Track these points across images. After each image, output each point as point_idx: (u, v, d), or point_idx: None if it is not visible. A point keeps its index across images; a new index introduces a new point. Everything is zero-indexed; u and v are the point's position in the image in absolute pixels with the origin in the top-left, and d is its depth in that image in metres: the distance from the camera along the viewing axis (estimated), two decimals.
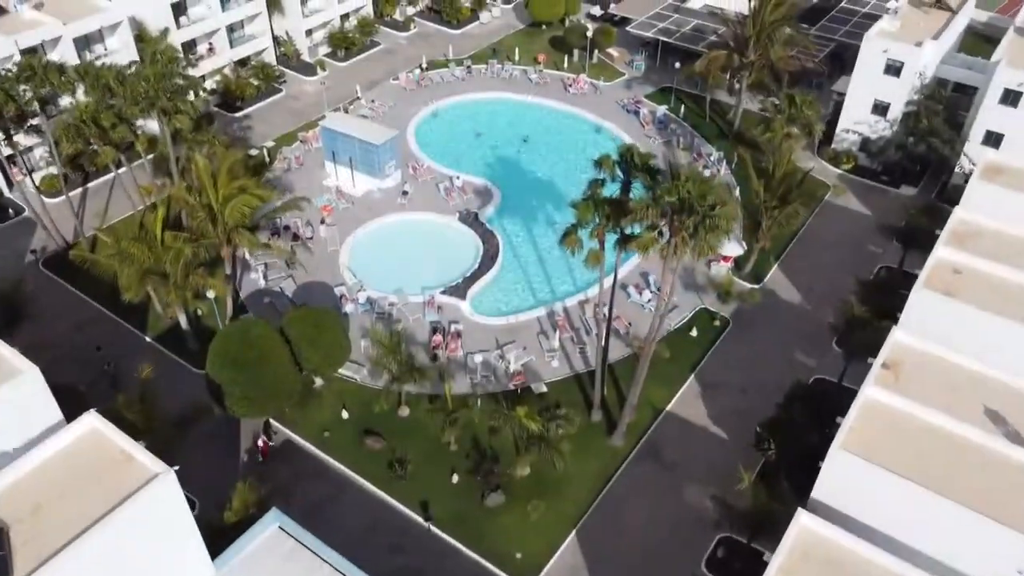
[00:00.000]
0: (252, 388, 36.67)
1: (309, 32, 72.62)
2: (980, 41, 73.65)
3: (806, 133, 51.25)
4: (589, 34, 70.04)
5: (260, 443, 39.39)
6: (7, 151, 50.62)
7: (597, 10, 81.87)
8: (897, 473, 30.32)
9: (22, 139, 50.40)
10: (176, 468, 25.16)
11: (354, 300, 47.86)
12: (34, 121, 45.36)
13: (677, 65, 66.03)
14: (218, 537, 29.03)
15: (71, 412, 35.61)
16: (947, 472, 30.41)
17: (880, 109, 58.00)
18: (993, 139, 53.89)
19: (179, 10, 62.46)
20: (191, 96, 45.73)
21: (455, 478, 38.58)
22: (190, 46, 64.42)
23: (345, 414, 41.48)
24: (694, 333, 46.78)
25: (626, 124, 65.35)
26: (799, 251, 52.94)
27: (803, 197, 44.18)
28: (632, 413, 40.25)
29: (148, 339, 45.99)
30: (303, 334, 38.99)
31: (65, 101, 49.24)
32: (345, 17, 74.60)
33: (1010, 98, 52.46)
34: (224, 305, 44.29)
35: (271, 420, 40.71)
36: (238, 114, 65.56)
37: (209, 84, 66.60)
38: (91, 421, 28.40)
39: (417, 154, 61.40)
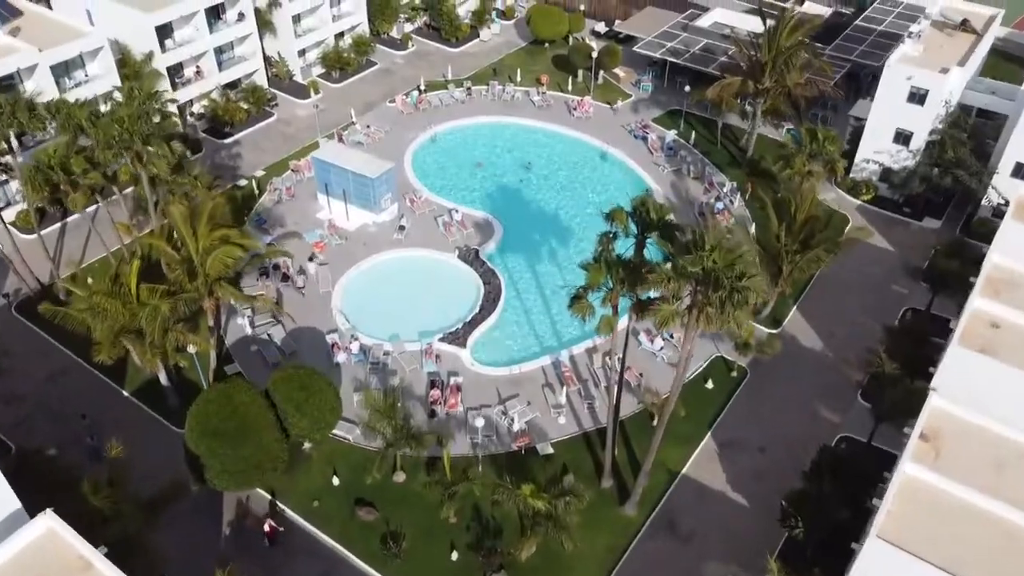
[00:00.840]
0: (234, 461, 33.71)
1: (302, 52, 69.61)
2: (999, 60, 70.75)
3: (828, 171, 48.22)
4: (594, 55, 67.03)
5: (267, 527, 36.25)
6: None
7: (602, 27, 78.90)
8: (942, 569, 27.49)
9: None
10: None
11: (347, 349, 44.88)
12: (3, 159, 42.32)
13: (687, 89, 63.05)
14: None
15: (38, 483, 32.94)
16: (997, 565, 27.56)
17: (902, 138, 55.02)
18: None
19: (164, 33, 59.43)
20: (171, 128, 42.50)
21: (454, 555, 35.58)
22: (176, 69, 61.44)
23: (336, 480, 38.49)
24: (710, 385, 43.80)
25: (633, 150, 62.38)
26: (819, 291, 49.94)
27: (827, 242, 41.18)
28: (646, 479, 37.27)
29: (126, 393, 43.00)
30: (289, 398, 35.98)
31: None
32: (340, 36, 71.57)
33: None
34: (207, 358, 41.30)
35: (275, 501, 37.76)
36: (227, 140, 62.54)
37: (197, 108, 63.71)
38: (47, 523, 25.48)
39: (415, 184, 58.42)
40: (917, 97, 53.15)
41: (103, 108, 43.54)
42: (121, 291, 36.79)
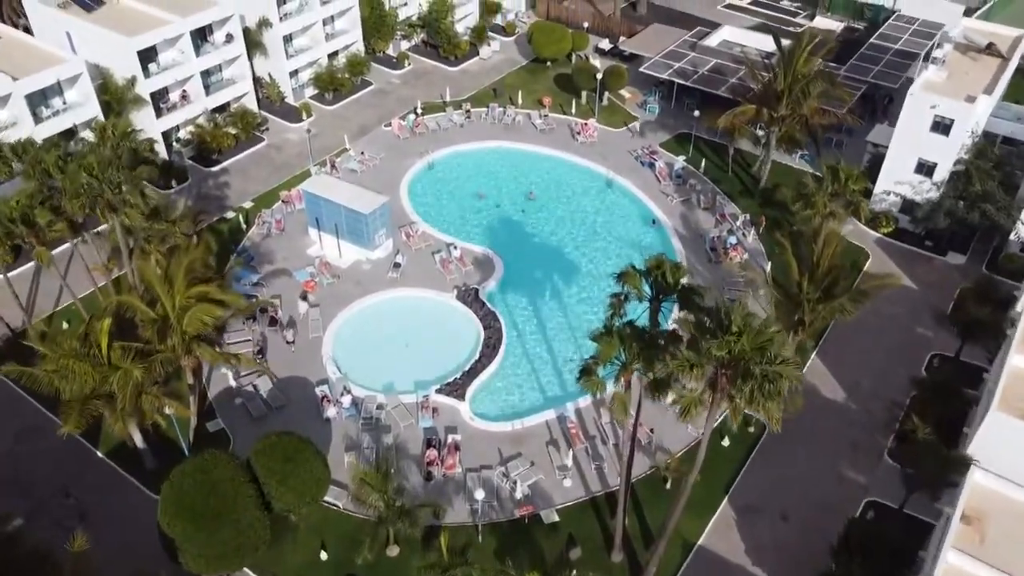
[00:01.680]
0: (211, 545, 30.86)
1: (294, 73, 66.70)
2: (1017, 78, 67.77)
3: (851, 211, 45.26)
4: (599, 76, 64.14)
5: None
6: None
7: (606, 44, 75.96)
8: None
9: None
10: None
11: (337, 403, 41.99)
12: None
13: (696, 113, 60.14)
14: None
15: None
16: None
17: (925, 169, 52.12)
18: None
19: (148, 57, 56.50)
20: (147, 176, 39.32)
21: None
22: (161, 94, 58.52)
23: (324, 555, 35.60)
24: (725, 442, 40.91)
25: (640, 178, 59.50)
26: (839, 335, 46.97)
27: (853, 292, 38.24)
28: (660, 553, 34.38)
29: (100, 454, 40.10)
30: (272, 470, 33.14)
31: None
32: (333, 55, 68.66)
33: None
34: (187, 418, 38.39)
35: None
36: (214, 168, 59.62)
37: (183, 134, 60.81)
38: None
39: (411, 215, 55.54)
40: (941, 127, 50.26)
41: (82, 138, 40.36)
42: (90, 352, 33.90)
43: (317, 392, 42.71)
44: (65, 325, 45.56)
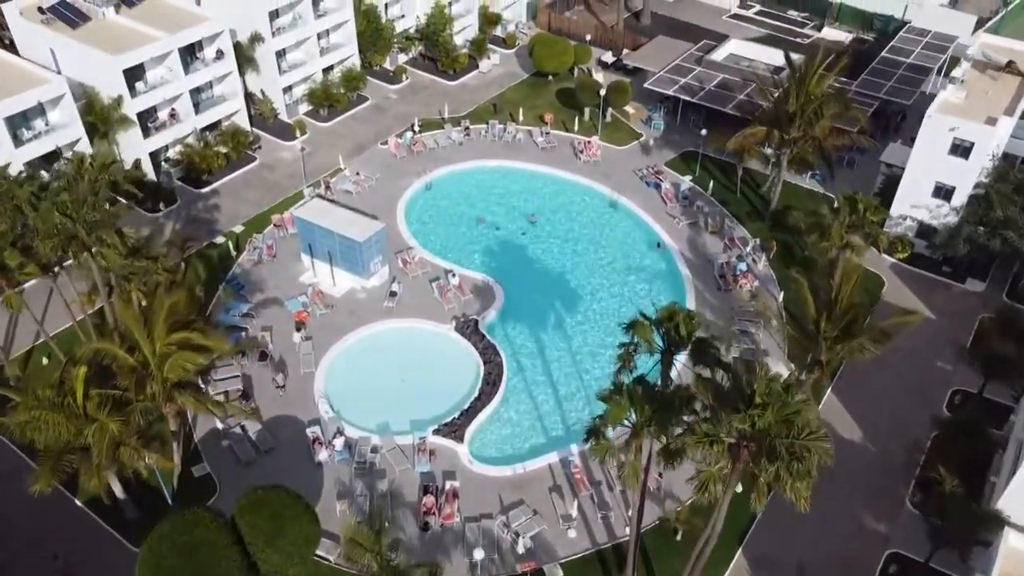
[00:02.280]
0: None
1: (288, 88, 64.59)
2: None
3: (870, 243, 43.10)
4: (602, 92, 62.05)
5: None
6: None
7: (609, 56, 73.86)
8: None
9: None
10: None
11: (330, 445, 39.90)
12: None
13: (703, 132, 58.04)
14: None
15: None
16: None
17: (943, 193, 50.04)
18: None
19: (136, 75, 54.40)
20: (121, 215, 37.06)
21: None
22: (149, 113, 56.39)
23: None
24: (739, 488, 38.74)
25: (645, 199, 57.42)
26: (855, 369, 44.68)
27: (875, 332, 36.14)
28: None
29: (78, 503, 37.94)
30: (258, 529, 31.08)
31: None
32: (328, 70, 66.55)
33: None
34: (170, 467, 36.26)
35: None
36: (204, 189, 57.49)
37: (172, 154, 58.70)
38: None
39: (408, 240, 53.44)
40: (961, 150, 48.18)
41: (58, 168, 38.13)
42: (65, 402, 31.81)
43: (308, 434, 40.62)
44: (45, 361, 43.44)
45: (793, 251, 51.91)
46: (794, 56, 65.09)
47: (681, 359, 28.65)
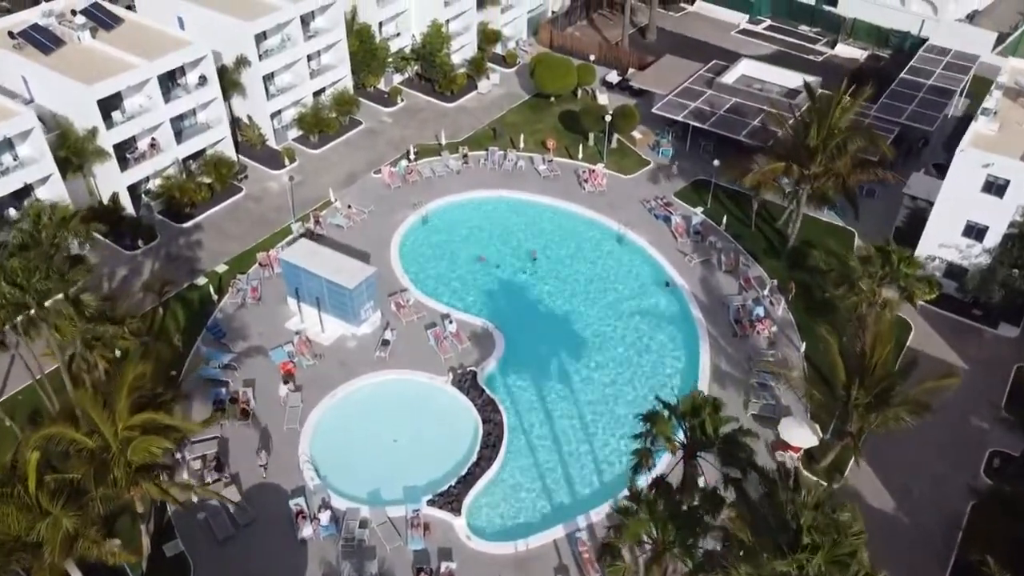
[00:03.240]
0: None
1: (276, 113, 61.29)
2: None
3: (904, 297, 39.75)
4: (608, 118, 58.75)
5: None
6: None
7: (614, 76, 70.53)
8: None
9: None
10: None
11: (315, 521, 36.61)
12: None
13: (716, 163, 54.67)
14: None
15: None
16: None
17: (975, 232, 46.74)
18: None
19: (112, 104, 51.11)
20: (81, 277, 33.41)
21: None
22: (128, 144, 53.12)
23: None
24: None
25: (654, 233, 54.12)
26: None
27: (912, 403, 32.86)
28: None
29: None
30: None
31: None
32: (319, 92, 63.25)
33: None
34: (135, 560, 32.88)
35: None
36: (187, 223, 54.18)
37: (153, 185, 55.40)
38: None
39: (402, 280, 50.15)
40: (995, 188, 44.91)
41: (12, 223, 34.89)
42: (15, 492, 28.51)
43: (292, 506, 37.27)
44: (8, 423, 40.02)
45: (812, 292, 48.61)
46: (809, 78, 62.27)
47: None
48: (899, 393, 33.69)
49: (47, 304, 30.65)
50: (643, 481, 23.75)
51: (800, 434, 38.77)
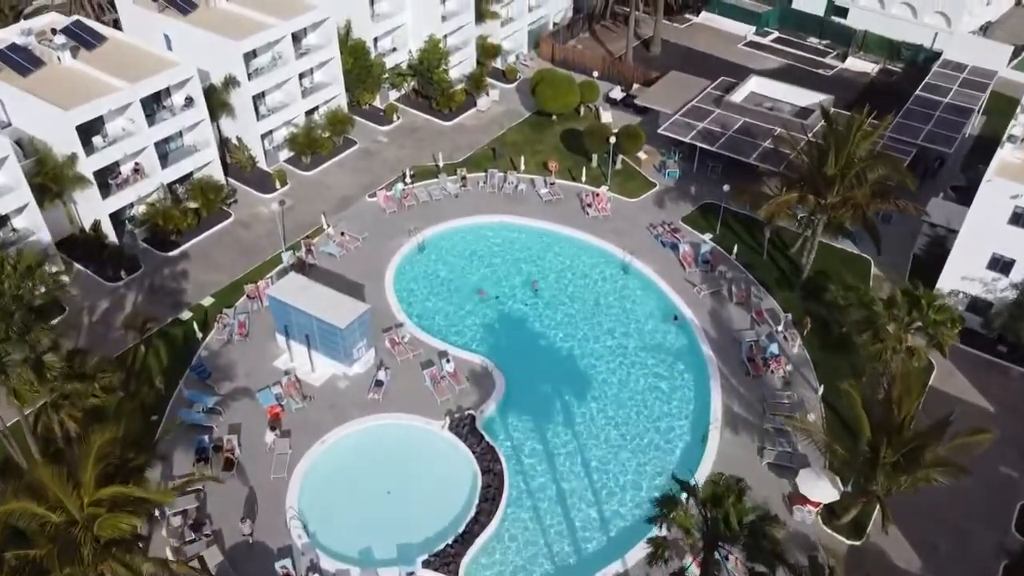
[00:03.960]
0: None
1: (267, 134, 58.91)
2: None
3: (934, 345, 37.30)
4: (612, 139, 56.34)
5: None
6: None
7: (618, 92, 68.11)
8: None
9: None
10: None
11: None
12: None
13: (726, 188, 52.21)
14: None
15: None
16: None
17: (1001, 265, 44.38)
18: None
19: (93, 128, 48.74)
20: (45, 339, 30.86)
21: None
22: (111, 169, 50.72)
23: None
24: None
25: (661, 262, 51.68)
26: None
27: (944, 463, 30.49)
28: None
29: None
30: None
31: None
32: (312, 112, 60.84)
33: None
34: None
35: None
36: (172, 252, 51.81)
37: (137, 212, 52.99)
38: None
39: (397, 314, 47.73)
40: (1023, 220, 42.55)
41: None
42: None
43: (278, 569, 34.88)
44: None
45: (829, 328, 46.17)
46: (822, 96, 59.97)
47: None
48: (930, 451, 31.25)
49: (6, 363, 28.25)
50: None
51: (820, 488, 36.41)
